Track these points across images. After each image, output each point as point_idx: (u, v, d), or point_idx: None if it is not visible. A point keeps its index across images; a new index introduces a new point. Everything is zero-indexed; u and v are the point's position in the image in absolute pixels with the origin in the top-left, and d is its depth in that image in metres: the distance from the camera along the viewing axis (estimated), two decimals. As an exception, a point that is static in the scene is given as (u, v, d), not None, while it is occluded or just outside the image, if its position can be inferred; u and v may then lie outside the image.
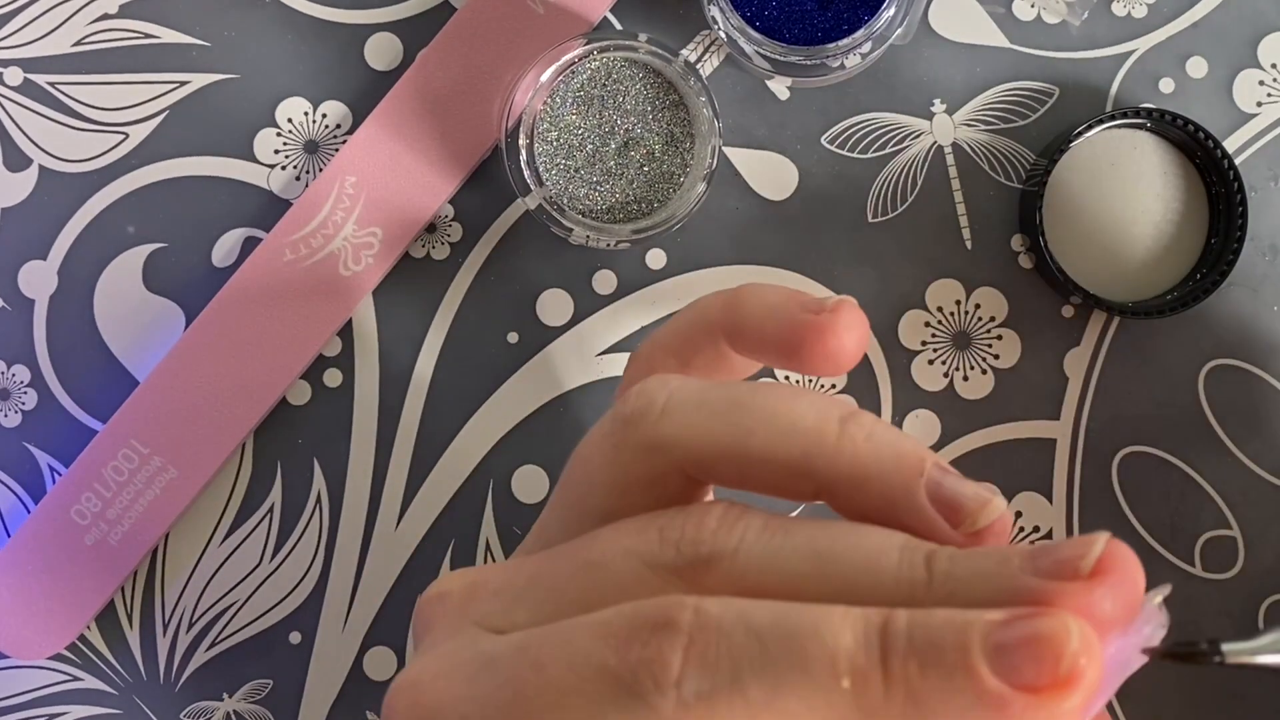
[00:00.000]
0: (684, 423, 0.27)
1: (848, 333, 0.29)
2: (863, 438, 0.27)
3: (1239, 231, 0.45)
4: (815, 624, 0.24)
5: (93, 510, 0.46)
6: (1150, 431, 0.47)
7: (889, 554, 0.25)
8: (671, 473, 0.28)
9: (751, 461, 0.27)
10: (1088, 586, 0.24)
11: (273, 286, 0.46)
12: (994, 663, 0.23)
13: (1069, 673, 0.23)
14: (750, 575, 0.25)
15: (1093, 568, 0.24)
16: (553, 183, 0.45)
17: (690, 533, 0.26)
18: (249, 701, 0.47)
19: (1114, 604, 0.24)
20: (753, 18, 0.44)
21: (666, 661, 0.24)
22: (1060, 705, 0.23)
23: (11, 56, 0.47)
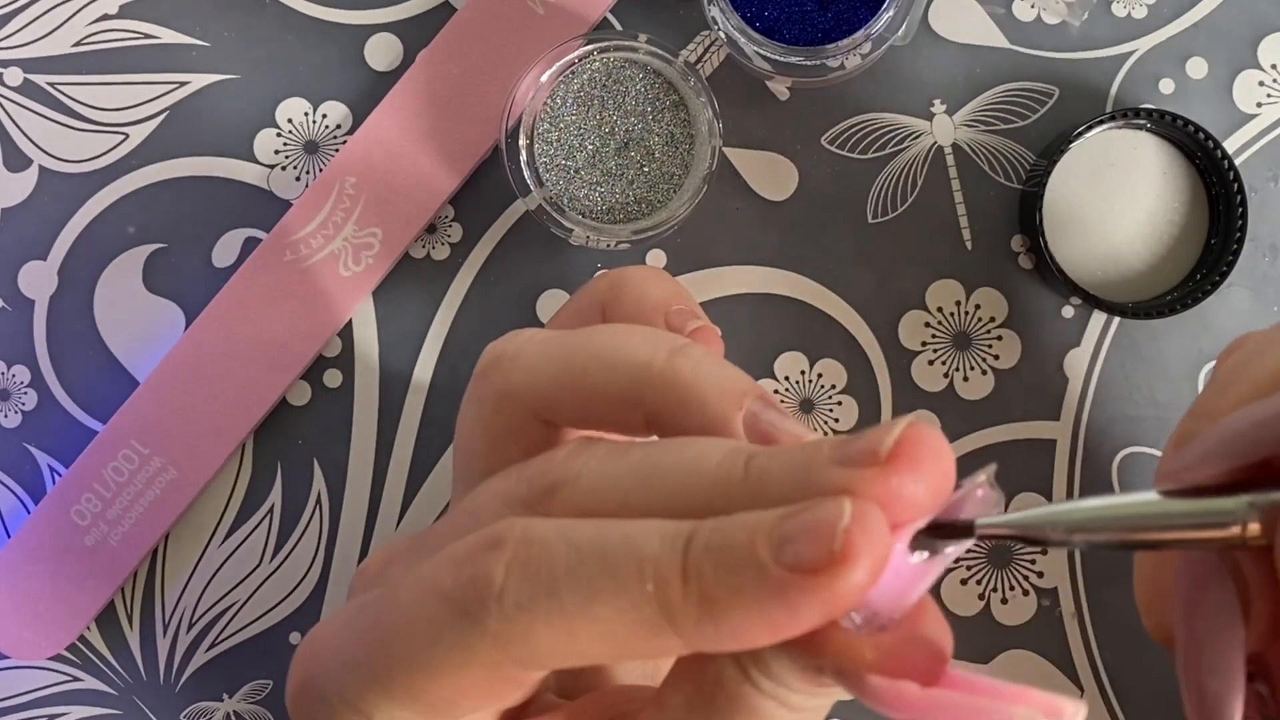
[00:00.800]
0: (527, 367, 0.29)
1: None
2: (688, 368, 0.28)
3: (1239, 232, 0.45)
4: (627, 534, 0.25)
5: (93, 511, 0.46)
6: (1150, 431, 0.47)
7: (710, 458, 0.26)
8: (529, 420, 0.29)
9: (587, 397, 0.28)
10: (883, 472, 0.24)
11: (273, 286, 0.46)
12: (775, 552, 0.23)
13: (843, 550, 0.23)
14: (588, 497, 0.26)
15: (891, 452, 0.24)
16: (553, 183, 0.45)
17: (540, 466, 0.27)
18: (249, 702, 0.47)
19: (918, 487, 0.24)
20: (753, 18, 0.44)
21: (490, 576, 0.25)
22: (839, 583, 0.23)
23: (11, 56, 0.47)
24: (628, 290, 0.32)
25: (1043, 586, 0.47)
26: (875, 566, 0.23)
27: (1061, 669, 0.47)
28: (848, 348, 0.47)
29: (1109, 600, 0.47)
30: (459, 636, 0.25)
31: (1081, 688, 0.47)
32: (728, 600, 0.24)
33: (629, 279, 0.33)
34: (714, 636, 0.24)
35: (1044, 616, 0.47)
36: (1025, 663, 0.47)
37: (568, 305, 0.35)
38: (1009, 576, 0.47)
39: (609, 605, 0.24)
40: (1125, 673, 0.47)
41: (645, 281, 0.33)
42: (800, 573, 0.23)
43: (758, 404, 0.28)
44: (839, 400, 0.47)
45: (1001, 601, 0.47)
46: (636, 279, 0.33)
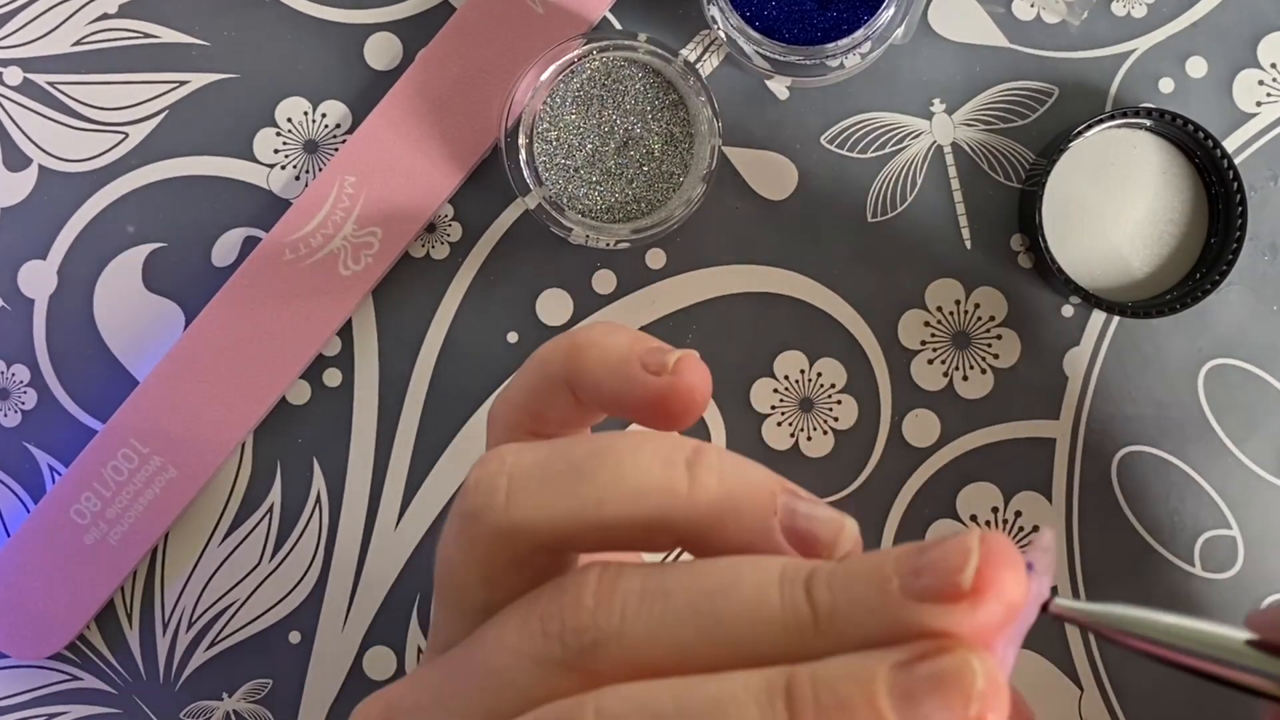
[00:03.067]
0: (531, 505, 0.26)
1: (689, 394, 0.29)
2: (714, 482, 0.26)
3: (1238, 231, 0.45)
4: (719, 701, 0.23)
5: (92, 510, 0.46)
6: (1150, 431, 0.47)
7: (770, 596, 0.24)
8: (534, 552, 0.27)
9: (607, 529, 0.26)
10: (973, 606, 0.23)
11: (272, 286, 0.46)
12: (903, 713, 0.22)
13: (979, 714, 0.22)
14: (640, 654, 0.25)
15: (974, 582, 0.23)
16: (552, 182, 0.45)
17: (570, 621, 0.25)
18: (249, 701, 0.47)
19: (1002, 608, 0.23)
20: (752, 17, 0.44)
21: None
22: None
23: (11, 56, 0.47)
24: (589, 355, 0.30)
25: (1042, 586, 0.47)
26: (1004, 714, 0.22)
27: (1061, 669, 0.47)
28: (847, 347, 0.47)
29: (1109, 599, 0.47)
30: None
31: (1081, 688, 0.47)
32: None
33: (583, 343, 0.30)
34: None
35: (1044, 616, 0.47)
36: (1025, 662, 0.47)
37: (521, 379, 0.31)
38: (1009, 576, 0.47)
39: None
40: (1125, 673, 0.47)
41: (603, 338, 0.30)
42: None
43: (789, 499, 0.26)
44: (839, 399, 0.47)
45: (1001, 601, 0.47)
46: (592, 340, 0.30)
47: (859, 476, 0.47)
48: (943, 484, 0.47)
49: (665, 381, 0.28)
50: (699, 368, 0.29)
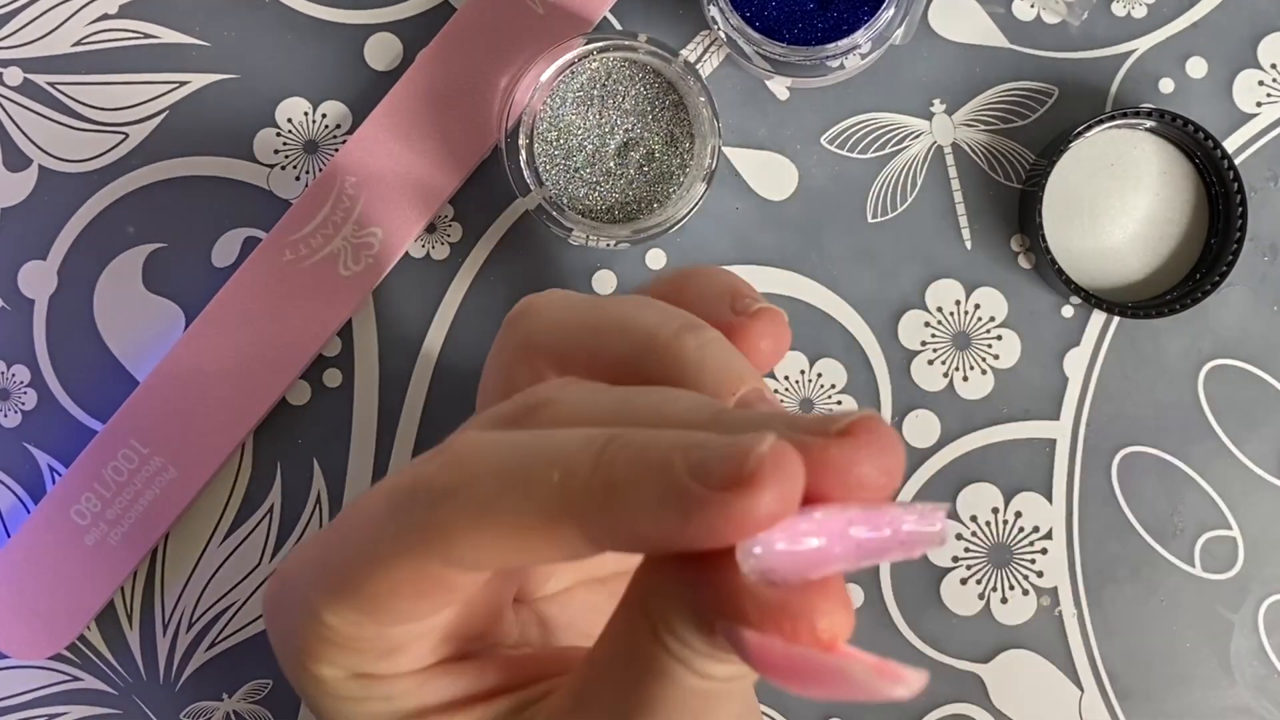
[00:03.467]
0: (550, 320, 0.31)
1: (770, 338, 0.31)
2: (693, 345, 0.28)
3: (1238, 232, 0.45)
4: (555, 436, 0.25)
5: (93, 510, 0.46)
6: (1150, 431, 0.47)
7: (682, 402, 0.26)
8: (545, 370, 0.31)
9: (596, 356, 0.29)
10: (830, 441, 0.24)
11: (272, 286, 0.46)
12: (688, 462, 0.23)
13: (750, 475, 0.23)
14: (561, 418, 0.27)
15: (843, 428, 0.24)
16: (552, 183, 0.45)
17: (530, 389, 0.28)
18: (249, 701, 0.47)
19: (857, 465, 0.24)
20: (752, 18, 0.44)
21: (426, 473, 0.26)
22: (738, 504, 0.23)
23: (11, 56, 0.47)
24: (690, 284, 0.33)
25: (1043, 586, 0.47)
26: (777, 502, 0.23)
27: (1061, 669, 0.47)
28: (847, 347, 0.47)
29: (1109, 599, 0.47)
30: (390, 530, 0.27)
31: (1082, 687, 0.47)
32: (628, 494, 0.24)
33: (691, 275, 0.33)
34: (608, 529, 0.24)
35: (1044, 616, 0.47)
36: (1024, 661, 0.47)
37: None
38: (1009, 576, 0.47)
39: (517, 494, 0.25)
40: (1125, 672, 0.47)
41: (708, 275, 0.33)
42: (704, 484, 0.23)
43: (753, 394, 0.28)
44: (838, 400, 0.47)
45: (1001, 601, 0.47)
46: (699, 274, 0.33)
47: (859, 477, 0.47)
48: (943, 484, 0.47)
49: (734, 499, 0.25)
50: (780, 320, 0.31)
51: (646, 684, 0.26)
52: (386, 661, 0.29)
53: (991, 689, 0.47)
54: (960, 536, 0.47)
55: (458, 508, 0.26)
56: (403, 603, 0.28)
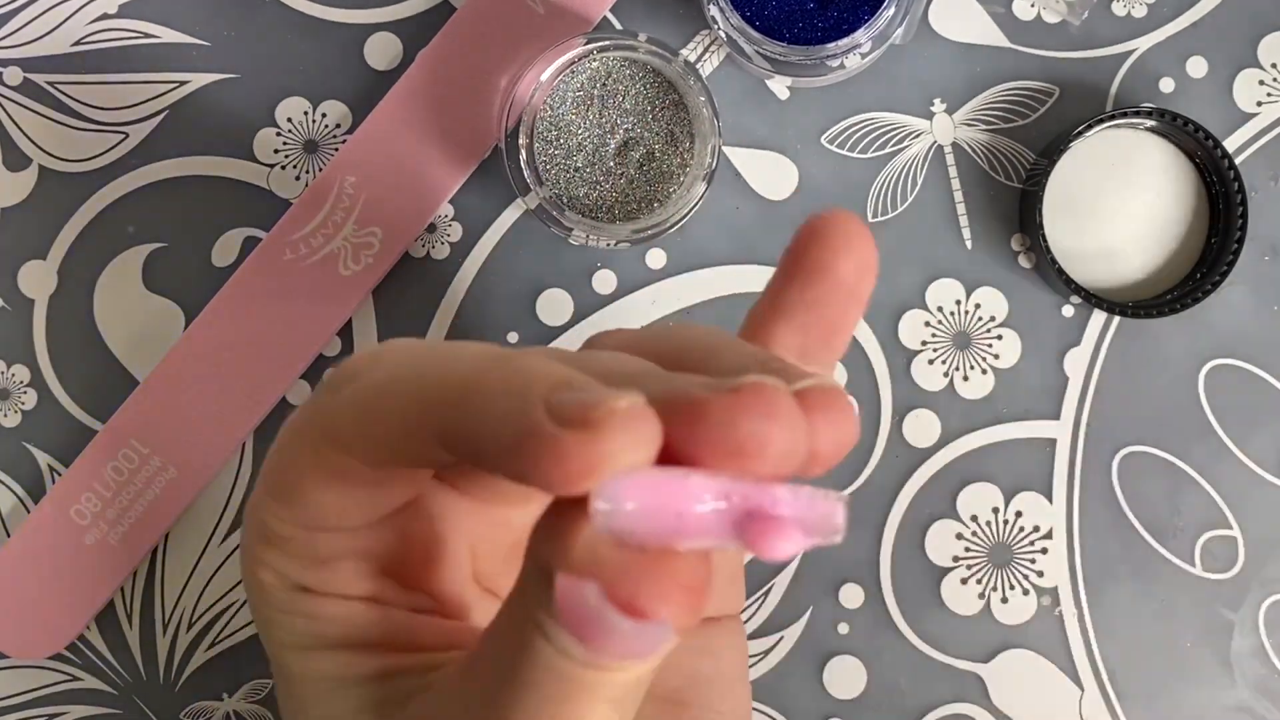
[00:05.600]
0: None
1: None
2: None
3: (1239, 231, 0.45)
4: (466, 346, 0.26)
5: (93, 510, 0.46)
6: (1150, 431, 0.47)
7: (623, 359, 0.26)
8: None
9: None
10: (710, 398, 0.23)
11: (272, 286, 0.46)
12: (549, 392, 0.23)
13: (598, 419, 0.22)
14: None
15: (732, 387, 0.23)
16: (552, 182, 0.45)
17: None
18: (249, 701, 0.47)
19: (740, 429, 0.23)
20: (752, 17, 0.44)
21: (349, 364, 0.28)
22: (572, 441, 0.22)
23: (11, 56, 0.47)
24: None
25: (1043, 586, 0.47)
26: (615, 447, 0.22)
27: (1061, 669, 0.47)
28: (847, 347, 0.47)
29: (1109, 599, 0.47)
30: (303, 415, 0.28)
31: (1082, 687, 0.47)
32: (485, 399, 0.24)
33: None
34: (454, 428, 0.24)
35: (1044, 616, 0.47)
36: (1025, 661, 0.47)
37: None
38: (1009, 576, 0.47)
39: (402, 385, 0.26)
40: (1125, 672, 0.47)
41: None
42: (549, 417, 0.22)
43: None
44: (839, 400, 0.47)
45: (1001, 601, 0.47)
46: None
47: (859, 477, 0.47)
48: (943, 484, 0.47)
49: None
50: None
51: (513, 655, 0.25)
52: (317, 574, 0.30)
53: (992, 689, 0.47)
54: (960, 536, 0.47)
55: (355, 392, 0.27)
56: (313, 492, 0.28)
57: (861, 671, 0.47)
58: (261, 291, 0.46)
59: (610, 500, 0.22)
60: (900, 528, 0.47)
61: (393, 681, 0.30)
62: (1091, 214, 0.47)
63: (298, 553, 0.29)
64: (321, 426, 0.27)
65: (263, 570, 0.30)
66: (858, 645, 0.47)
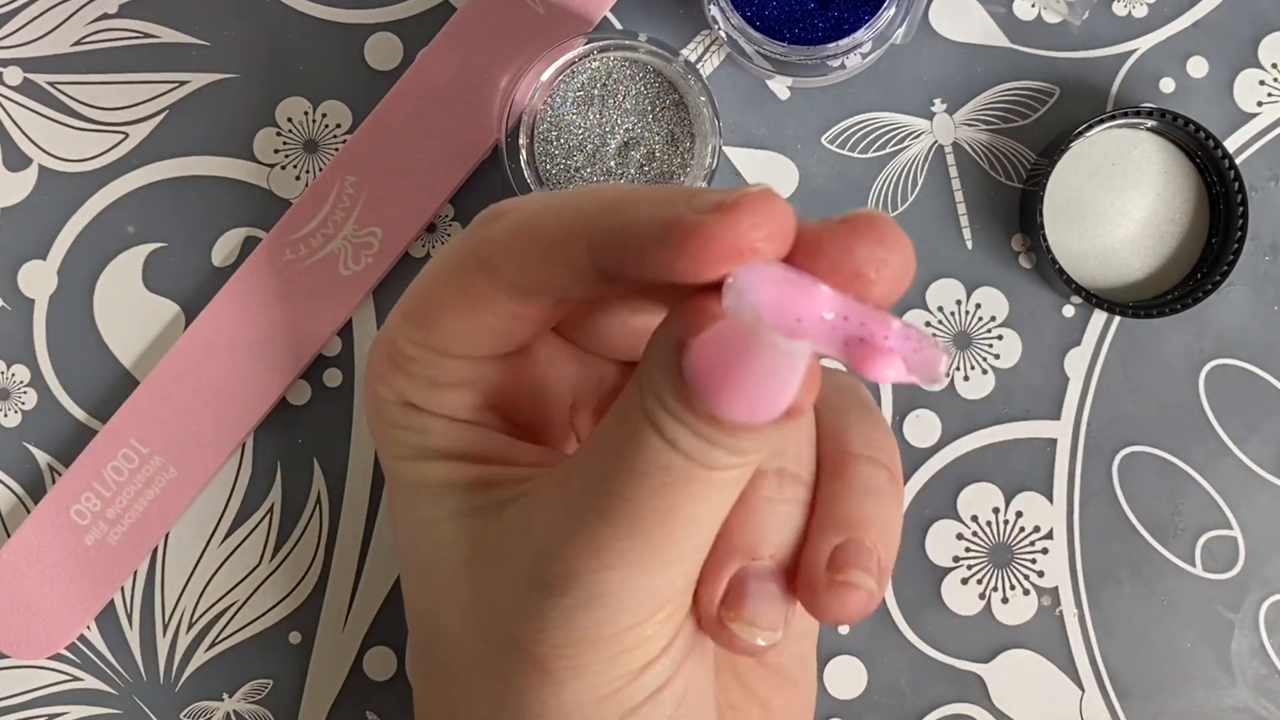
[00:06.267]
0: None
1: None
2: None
3: (1239, 231, 0.45)
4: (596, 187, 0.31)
5: (93, 510, 0.46)
6: (1150, 431, 0.47)
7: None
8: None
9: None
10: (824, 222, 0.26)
11: (272, 286, 0.46)
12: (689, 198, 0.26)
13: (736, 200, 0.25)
14: None
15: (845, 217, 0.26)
16: (553, 182, 0.45)
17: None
18: (249, 701, 0.47)
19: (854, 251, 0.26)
20: (753, 17, 0.44)
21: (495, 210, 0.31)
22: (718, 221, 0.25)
23: (11, 56, 0.47)
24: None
25: (1043, 586, 0.47)
26: (755, 228, 0.25)
27: (1061, 669, 0.47)
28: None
29: (1109, 599, 0.47)
30: (454, 247, 0.31)
31: (1082, 687, 0.47)
32: (629, 209, 0.27)
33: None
34: (608, 240, 0.27)
35: (1044, 616, 0.47)
36: (1025, 662, 0.47)
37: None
38: (1009, 576, 0.47)
39: (552, 213, 0.29)
40: (1126, 672, 0.47)
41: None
42: (696, 210, 0.25)
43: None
44: (839, 400, 0.47)
45: (1002, 601, 0.47)
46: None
47: (859, 476, 0.47)
48: (943, 484, 0.47)
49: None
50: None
51: (622, 454, 0.28)
52: (431, 393, 0.32)
53: (992, 689, 0.47)
54: (961, 536, 0.47)
55: (507, 223, 0.30)
56: (451, 318, 0.31)
57: (862, 671, 0.47)
58: (261, 291, 0.46)
59: (743, 286, 0.25)
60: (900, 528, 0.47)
61: (489, 491, 0.32)
62: (1092, 214, 0.47)
63: (419, 372, 0.32)
64: (475, 253, 0.30)
65: (382, 386, 0.33)
66: (858, 645, 0.47)
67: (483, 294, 0.30)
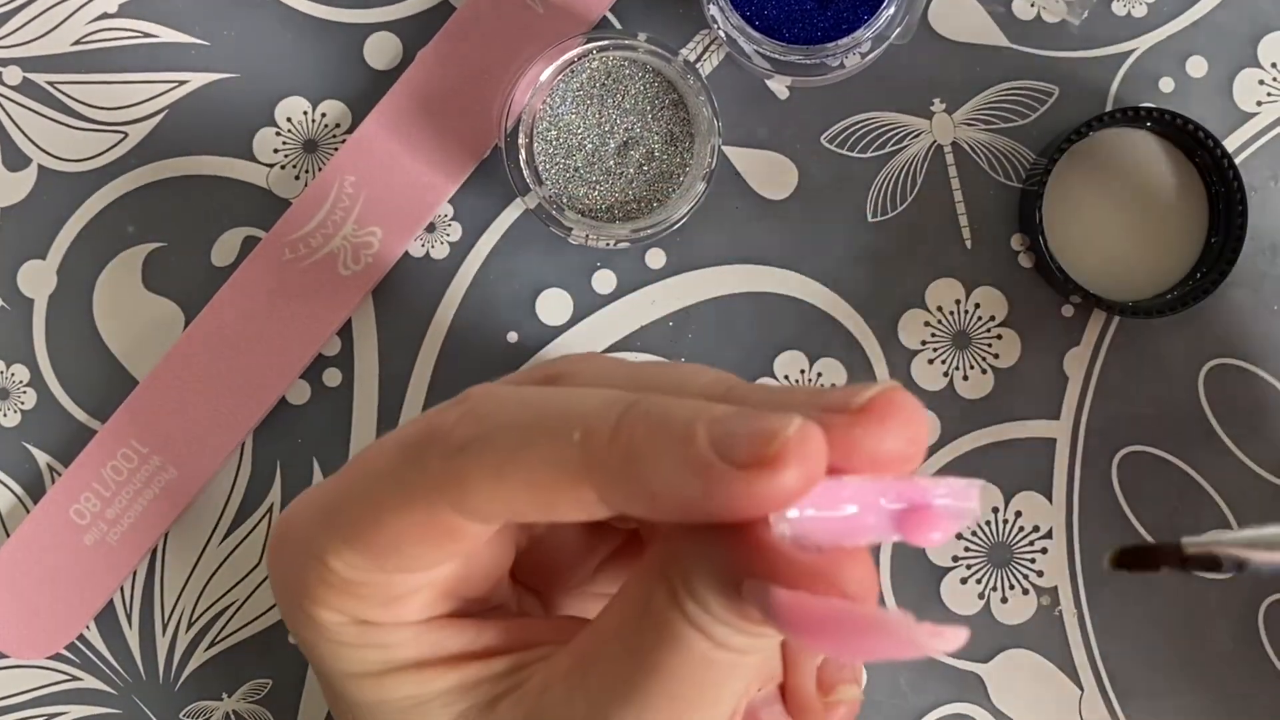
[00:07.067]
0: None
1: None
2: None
3: (1239, 231, 0.45)
4: (573, 393, 0.26)
5: (92, 510, 0.46)
6: (1150, 431, 0.47)
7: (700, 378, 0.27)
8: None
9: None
10: (852, 419, 0.24)
11: (272, 286, 0.46)
12: (713, 436, 0.24)
13: (775, 455, 0.23)
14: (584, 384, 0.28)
15: (863, 405, 0.24)
16: (552, 182, 0.45)
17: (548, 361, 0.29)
18: (248, 701, 0.47)
19: (881, 441, 0.24)
20: (752, 17, 0.44)
21: (443, 423, 0.27)
22: (762, 482, 0.23)
23: (11, 56, 0.47)
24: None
25: (1043, 586, 0.47)
26: (801, 481, 0.23)
27: (1061, 669, 0.47)
28: (847, 347, 0.47)
29: (1109, 599, 0.47)
30: (404, 476, 0.27)
31: (1082, 687, 0.47)
32: (649, 462, 0.24)
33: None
34: (625, 493, 0.25)
35: (1044, 616, 0.47)
36: (1025, 662, 0.47)
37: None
38: (1009, 575, 0.47)
39: (537, 449, 0.25)
40: (1125, 672, 0.47)
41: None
42: (728, 460, 0.23)
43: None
44: (839, 399, 0.47)
45: (1001, 601, 0.47)
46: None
47: (859, 476, 0.47)
48: (943, 484, 0.47)
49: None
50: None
51: (657, 649, 0.26)
52: (387, 610, 0.30)
53: (992, 689, 0.47)
54: (961, 536, 0.47)
55: (476, 459, 0.26)
56: (410, 549, 0.28)
57: (861, 671, 0.47)
58: (261, 291, 0.46)
59: (796, 531, 0.24)
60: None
61: (475, 690, 0.30)
62: (1091, 214, 0.47)
63: (370, 595, 0.29)
64: (442, 492, 0.27)
65: (321, 609, 0.30)
66: (857, 645, 0.47)
67: (453, 529, 0.27)
